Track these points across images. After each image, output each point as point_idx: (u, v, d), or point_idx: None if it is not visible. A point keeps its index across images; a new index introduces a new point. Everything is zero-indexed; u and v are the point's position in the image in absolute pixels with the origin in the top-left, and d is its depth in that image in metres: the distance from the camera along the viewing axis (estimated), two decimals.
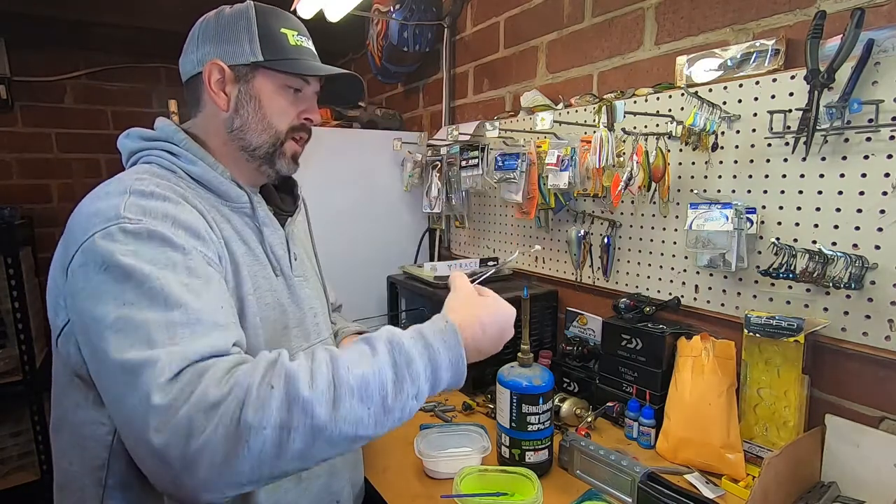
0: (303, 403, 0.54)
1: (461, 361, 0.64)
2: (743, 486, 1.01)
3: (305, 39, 0.84)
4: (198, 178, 0.78)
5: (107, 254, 0.60)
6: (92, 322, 0.60)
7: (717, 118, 1.11)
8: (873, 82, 0.91)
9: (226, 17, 0.80)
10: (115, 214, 0.63)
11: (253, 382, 0.55)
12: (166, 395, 0.54)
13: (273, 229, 0.86)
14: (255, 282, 0.78)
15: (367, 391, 0.57)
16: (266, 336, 0.78)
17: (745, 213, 1.08)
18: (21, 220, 2.42)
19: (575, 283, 1.54)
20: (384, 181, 2.05)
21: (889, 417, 0.95)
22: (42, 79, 2.69)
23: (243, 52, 0.79)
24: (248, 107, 0.80)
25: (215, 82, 0.79)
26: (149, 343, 0.57)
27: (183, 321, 0.59)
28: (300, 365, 0.58)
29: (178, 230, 0.66)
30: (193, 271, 0.64)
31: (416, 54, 2.09)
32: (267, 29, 0.80)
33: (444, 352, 0.63)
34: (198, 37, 0.81)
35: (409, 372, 0.60)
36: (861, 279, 0.94)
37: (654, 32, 1.32)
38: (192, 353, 0.57)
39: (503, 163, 1.51)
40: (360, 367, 0.59)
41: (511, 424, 1.05)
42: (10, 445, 2.39)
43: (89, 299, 0.61)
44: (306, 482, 0.83)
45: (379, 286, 1.95)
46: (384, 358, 0.60)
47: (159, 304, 0.59)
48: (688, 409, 1.10)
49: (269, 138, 0.82)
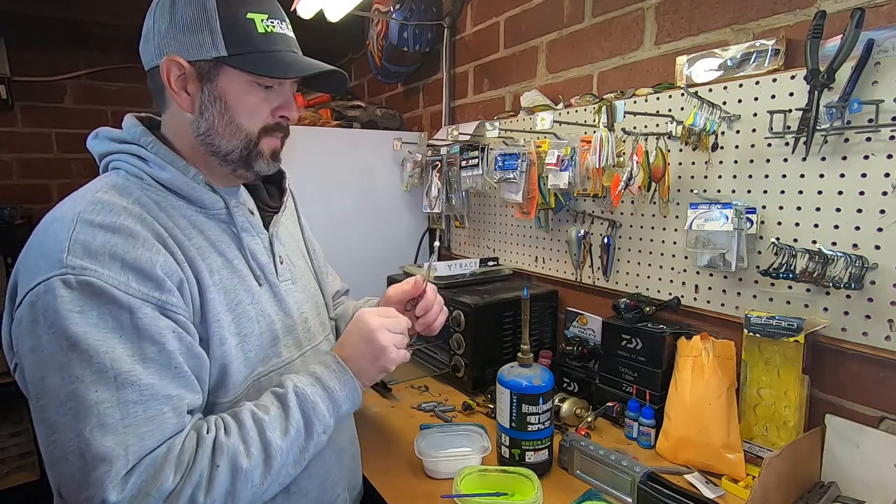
0: (244, 472, 0.64)
1: (356, 392, 0.76)
2: (743, 486, 1.01)
3: (278, 23, 0.73)
4: (167, 185, 0.72)
5: (51, 313, 0.58)
6: (42, 390, 0.59)
7: (717, 118, 1.11)
8: (873, 82, 0.91)
9: (183, 1, 0.69)
10: (57, 260, 0.60)
11: (204, 466, 0.62)
12: (122, 492, 0.57)
13: (253, 234, 0.80)
14: (232, 297, 0.74)
15: (289, 443, 0.69)
16: (253, 352, 0.75)
17: (745, 213, 1.08)
18: (21, 220, 2.42)
19: (575, 283, 1.54)
20: (384, 181, 2.05)
21: (889, 417, 0.95)
22: (42, 79, 2.69)
23: (204, 46, 0.69)
24: (212, 108, 0.72)
25: (175, 80, 0.70)
26: (101, 427, 0.57)
27: (135, 399, 0.59)
28: (235, 438, 0.65)
29: (128, 275, 0.62)
30: (143, 333, 0.61)
31: (416, 54, 2.09)
32: (230, 16, 0.69)
33: (339, 389, 0.75)
34: (154, 21, 0.71)
35: (316, 415, 0.72)
36: (861, 279, 0.94)
37: (654, 32, 1.32)
38: (147, 447, 0.59)
39: (503, 163, 1.51)
40: (280, 424, 0.69)
41: (511, 424, 1.05)
42: (10, 445, 2.39)
43: (38, 364, 0.59)
44: (295, 497, 0.80)
45: (379, 286, 1.95)
46: (295, 411, 0.70)
47: (108, 381, 0.58)
48: (688, 409, 1.10)
49: (240, 142, 0.74)
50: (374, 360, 0.78)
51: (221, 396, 0.72)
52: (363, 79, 2.81)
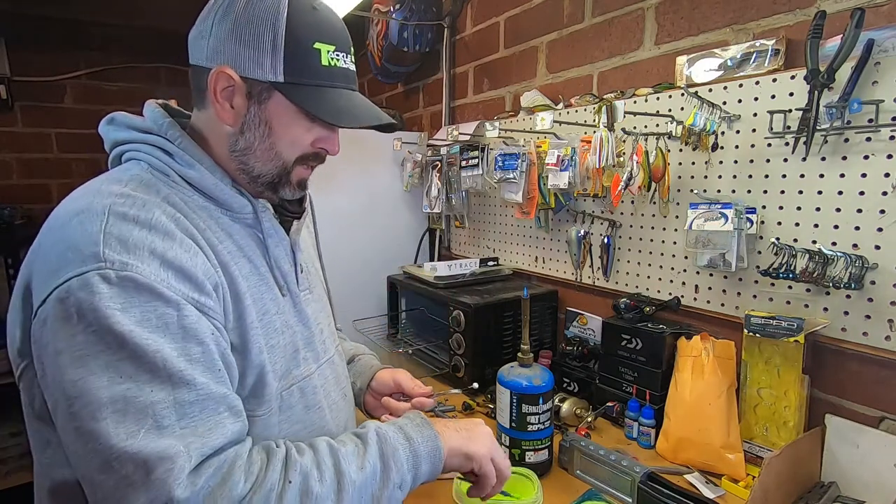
0: (315, 497, 0.59)
1: (438, 453, 0.71)
2: (743, 486, 1.01)
3: (343, 56, 0.69)
4: (195, 184, 0.68)
5: (89, 310, 0.53)
6: (77, 393, 0.53)
7: (717, 118, 1.11)
8: (873, 82, 0.91)
9: (251, 12, 0.64)
10: (92, 254, 0.55)
11: (275, 480, 0.58)
12: (190, 489, 0.52)
13: (277, 240, 0.76)
14: (260, 307, 0.70)
15: (363, 481, 0.64)
16: (277, 364, 0.71)
17: (745, 213, 1.08)
18: (21, 220, 2.42)
19: (575, 283, 1.54)
20: (384, 181, 2.05)
21: (889, 417, 0.95)
22: (42, 79, 2.69)
23: (262, 66, 0.65)
24: (255, 130, 0.69)
25: (222, 91, 0.66)
26: (158, 429, 0.53)
27: (191, 399, 0.55)
28: (309, 459, 0.62)
29: (168, 273, 0.58)
30: (188, 332, 0.58)
31: (416, 54, 2.09)
32: (297, 43, 0.65)
33: (421, 443, 0.70)
34: (214, 20, 0.66)
35: (395, 461, 0.67)
36: (861, 279, 0.94)
37: (654, 32, 1.32)
38: (209, 445, 0.55)
39: (503, 163, 1.51)
40: (357, 458, 0.65)
41: (511, 424, 1.05)
42: (10, 445, 2.40)
43: (71, 365, 0.53)
44: None
45: (379, 286, 1.95)
46: (373, 449, 0.66)
47: (163, 381, 0.54)
48: (688, 409, 1.10)
49: (275, 168, 0.72)
50: (468, 437, 0.75)
51: (257, 408, 0.68)
52: (363, 79, 2.81)
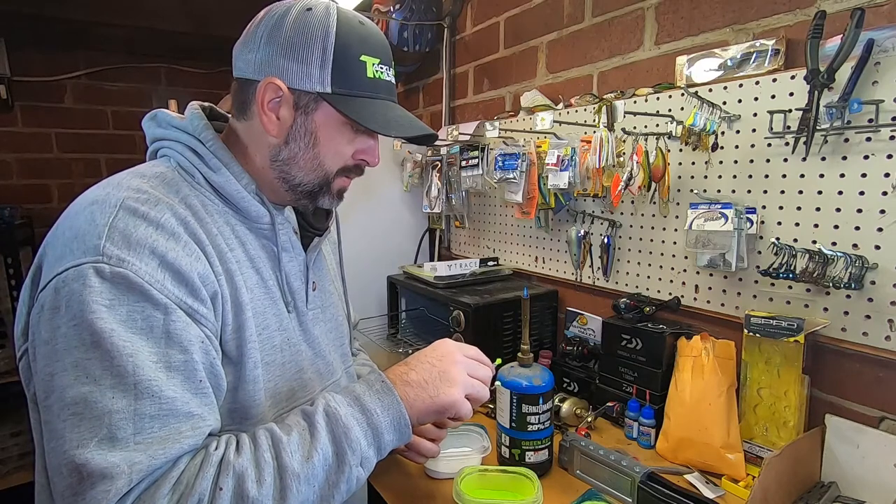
0: (251, 502, 0.55)
1: (402, 419, 0.66)
2: (743, 486, 1.01)
3: (386, 69, 0.71)
4: (218, 188, 0.69)
5: (77, 303, 0.54)
6: (50, 389, 0.54)
7: (717, 118, 1.11)
8: (873, 82, 0.91)
9: (301, 26, 0.66)
10: (94, 246, 0.56)
11: (205, 488, 0.54)
12: None
13: (293, 255, 0.76)
14: (261, 321, 0.69)
15: (312, 472, 0.59)
16: (274, 382, 0.70)
17: (745, 213, 1.08)
18: (21, 220, 2.42)
19: (575, 283, 1.54)
20: (384, 181, 2.05)
21: (889, 417, 0.95)
22: (42, 79, 2.69)
23: (309, 78, 0.66)
24: (301, 141, 0.70)
25: (269, 102, 0.68)
26: (110, 441, 0.52)
27: (153, 413, 0.54)
28: (247, 459, 0.58)
29: (165, 275, 0.58)
30: (172, 338, 0.57)
31: (416, 54, 2.09)
32: (345, 55, 0.67)
33: (381, 413, 0.65)
34: (263, 34, 0.67)
35: (349, 442, 0.62)
36: (861, 279, 0.94)
37: (654, 32, 1.32)
38: (154, 466, 0.53)
39: (503, 163, 1.51)
40: (302, 448, 0.60)
41: (511, 424, 1.05)
42: (10, 445, 2.40)
43: (50, 357, 0.54)
44: None
45: (379, 286, 1.95)
46: (322, 433, 0.61)
47: (127, 389, 0.53)
48: (688, 409, 1.10)
49: (317, 178, 0.73)
50: (435, 393, 0.69)
51: (247, 426, 0.66)
52: None
